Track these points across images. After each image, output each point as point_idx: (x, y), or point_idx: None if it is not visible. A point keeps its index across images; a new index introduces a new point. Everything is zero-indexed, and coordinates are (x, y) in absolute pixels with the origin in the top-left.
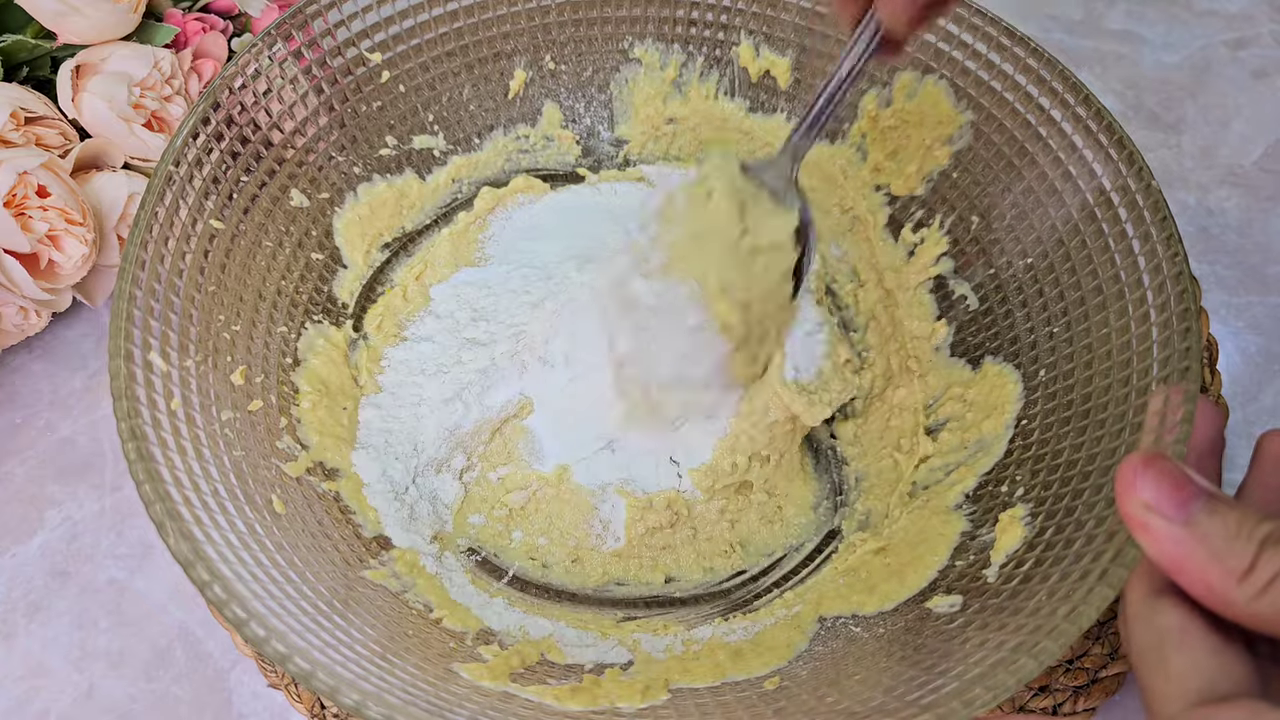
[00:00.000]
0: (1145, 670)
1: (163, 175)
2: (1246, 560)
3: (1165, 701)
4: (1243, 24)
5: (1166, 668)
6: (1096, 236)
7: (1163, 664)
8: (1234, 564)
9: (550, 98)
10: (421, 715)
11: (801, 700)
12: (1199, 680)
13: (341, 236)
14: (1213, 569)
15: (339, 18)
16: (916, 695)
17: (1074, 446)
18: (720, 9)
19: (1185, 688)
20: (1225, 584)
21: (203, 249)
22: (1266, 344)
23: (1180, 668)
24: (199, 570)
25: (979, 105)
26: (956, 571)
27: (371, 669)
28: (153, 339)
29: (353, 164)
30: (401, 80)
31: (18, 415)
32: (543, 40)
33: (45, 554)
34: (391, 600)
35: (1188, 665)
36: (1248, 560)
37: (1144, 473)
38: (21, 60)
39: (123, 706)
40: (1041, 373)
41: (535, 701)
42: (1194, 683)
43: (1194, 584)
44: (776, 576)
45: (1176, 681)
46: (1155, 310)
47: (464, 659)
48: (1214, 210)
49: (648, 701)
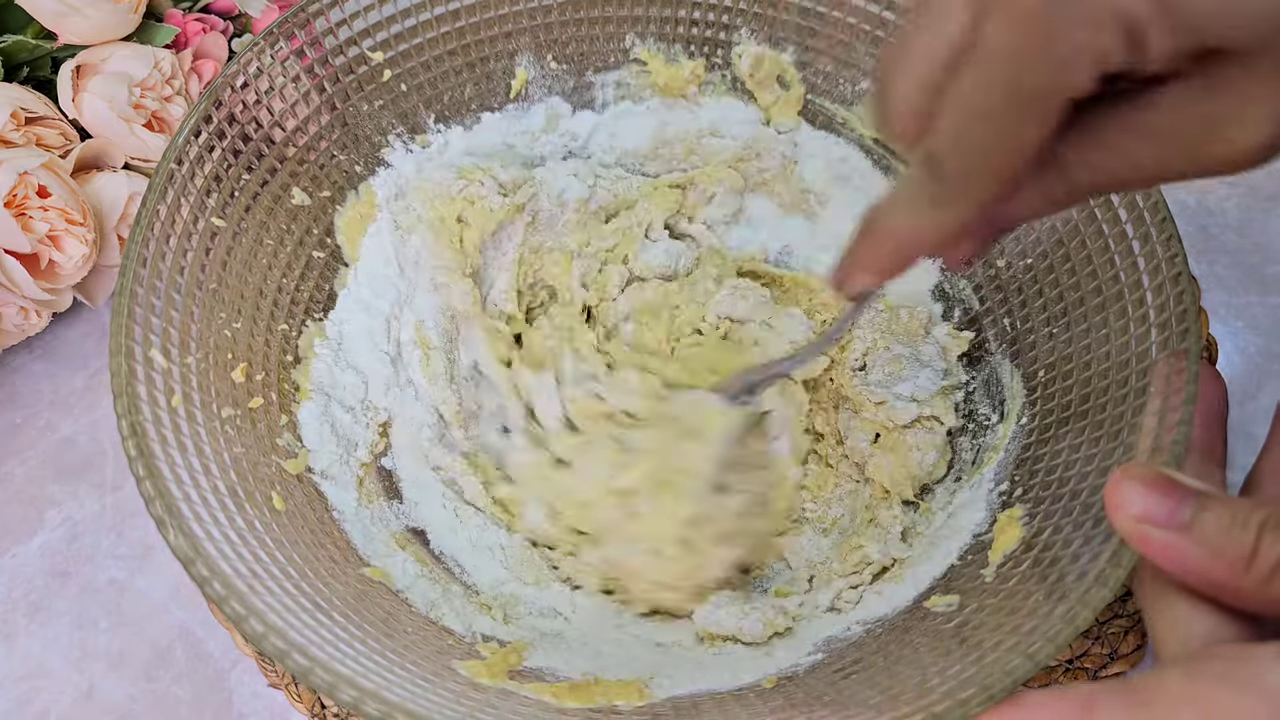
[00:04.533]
0: (1153, 619)
1: (164, 173)
2: (1246, 549)
3: (1169, 647)
4: None
5: (1172, 614)
6: (1096, 237)
7: (1168, 611)
8: (1235, 555)
9: (551, 96)
10: (419, 712)
11: (798, 699)
12: (1202, 626)
13: (343, 234)
14: (1216, 565)
15: (341, 16)
16: (911, 694)
17: (1073, 447)
18: (722, 9)
19: (1189, 632)
20: (1231, 576)
21: (204, 246)
22: (1266, 344)
23: (1184, 613)
24: (198, 566)
25: None
26: (954, 571)
27: (370, 665)
28: (154, 336)
29: (354, 162)
30: (403, 79)
31: (18, 415)
32: (544, 39)
33: (45, 554)
34: (390, 597)
35: (1190, 612)
36: (1248, 549)
37: (1128, 486)
38: (22, 60)
39: (123, 707)
40: (1041, 373)
41: (533, 699)
42: (1197, 628)
43: (1203, 584)
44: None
45: (1181, 626)
46: (1155, 311)
47: (462, 656)
48: (1213, 210)
49: (646, 700)
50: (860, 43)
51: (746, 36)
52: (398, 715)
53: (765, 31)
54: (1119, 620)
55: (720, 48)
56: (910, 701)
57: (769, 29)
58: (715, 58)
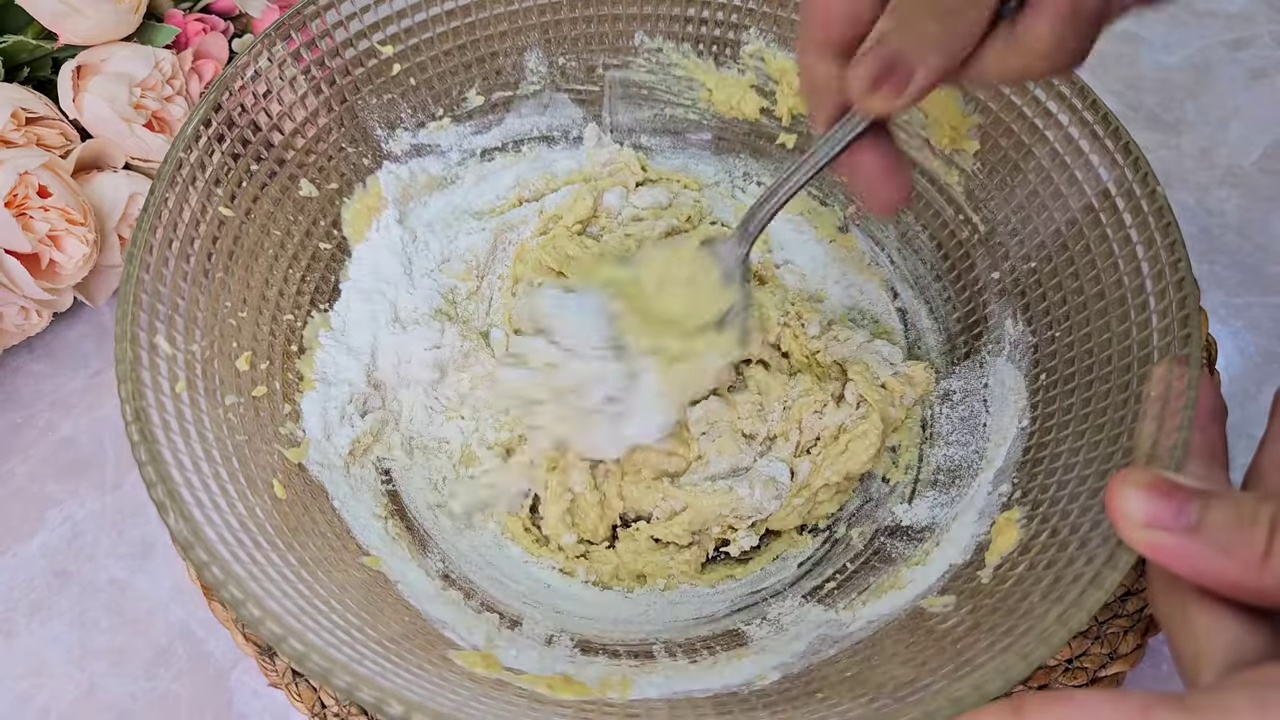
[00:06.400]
0: (1173, 634)
1: (173, 162)
2: (1260, 544)
3: (1196, 662)
4: (1242, 24)
5: (1192, 628)
6: (1100, 241)
7: (1187, 625)
8: (1248, 552)
9: (559, 92)
10: (413, 700)
11: (794, 697)
12: (1226, 637)
13: (350, 226)
14: (1230, 564)
15: (351, 10)
16: (906, 693)
17: (1072, 450)
18: (731, 8)
19: (1213, 645)
20: (1246, 573)
21: (211, 235)
22: (1266, 344)
23: (1205, 626)
24: (198, 551)
25: (986, 108)
26: (952, 572)
27: (366, 653)
28: (159, 323)
29: (362, 155)
30: (412, 74)
31: (18, 415)
32: (553, 35)
33: (46, 553)
34: (388, 588)
35: (1212, 624)
36: (1261, 544)
37: (1129, 493)
38: (22, 61)
39: (123, 705)
40: (1043, 376)
41: (527, 690)
42: (1221, 640)
43: (1220, 584)
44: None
45: (1204, 640)
46: (1157, 316)
47: (458, 646)
48: (1213, 210)
49: (639, 693)
50: None
51: (756, 36)
52: (392, 701)
53: (775, 31)
54: (1119, 620)
55: (729, 46)
56: (904, 700)
57: (778, 28)
58: (724, 56)
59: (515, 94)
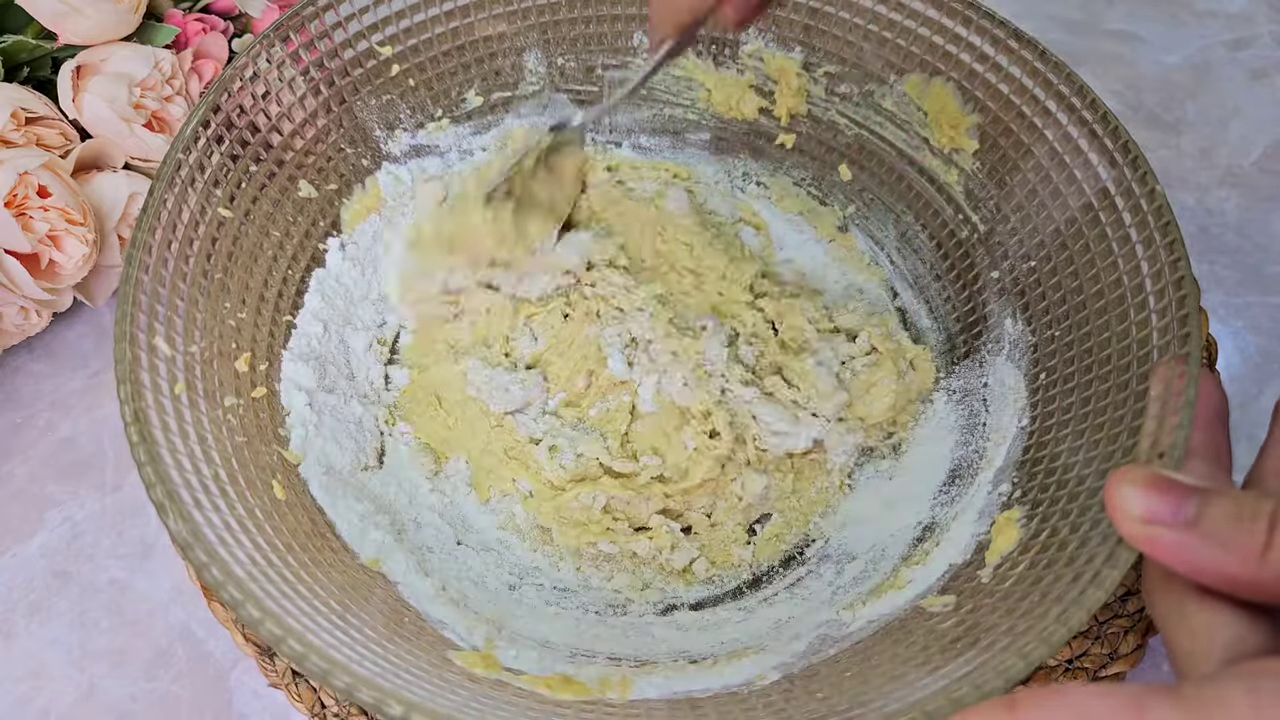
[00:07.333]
0: (1170, 632)
1: (172, 163)
2: (1260, 539)
3: (1194, 660)
4: (1242, 24)
5: (1190, 625)
6: (1100, 240)
7: (1185, 622)
8: (1248, 548)
9: (559, 93)
10: (413, 701)
11: (795, 696)
12: (1225, 634)
13: (349, 227)
14: (1229, 560)
15: (350, 10)
16: (905, 692)
17: (1072, 449)
18: None
19: (1212, 643)
20: (1245, 567)
21: (210, 236)
22: (1266, 344)
23: (1203, 623)
24: (197, 552)
25: (985, 108)
26: (952, 572)
27: (365, 654)
28: (158, 324)
29: (361, 156)
30: (411, 74)
31: (18, 415)
32: (552, 36)
33: (46, 554)
34: (388, 588)
35: (1211, 620)
36: (1261, 538)
37: (1127, 490)
38: (22, 60)
39: (123, 706)
40: (1042, 375)
41: (527, 690)
42: (1220, 637)
43: (1219, 580)
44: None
45: (1203, 637)
46: (1156, 315)
47: (458, 648)
48: (1213, 210)
49: (639, 693)
50: (868, 43)
51: (755, 35)
52: (392, 702)
53: (774, 31)
54: (1119, 620)
55: (728, 46)
56: (903, 699)
57: (777, 28)
58: (723, 56)
59: (514, 94)
